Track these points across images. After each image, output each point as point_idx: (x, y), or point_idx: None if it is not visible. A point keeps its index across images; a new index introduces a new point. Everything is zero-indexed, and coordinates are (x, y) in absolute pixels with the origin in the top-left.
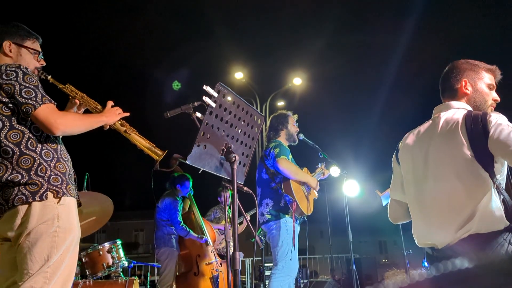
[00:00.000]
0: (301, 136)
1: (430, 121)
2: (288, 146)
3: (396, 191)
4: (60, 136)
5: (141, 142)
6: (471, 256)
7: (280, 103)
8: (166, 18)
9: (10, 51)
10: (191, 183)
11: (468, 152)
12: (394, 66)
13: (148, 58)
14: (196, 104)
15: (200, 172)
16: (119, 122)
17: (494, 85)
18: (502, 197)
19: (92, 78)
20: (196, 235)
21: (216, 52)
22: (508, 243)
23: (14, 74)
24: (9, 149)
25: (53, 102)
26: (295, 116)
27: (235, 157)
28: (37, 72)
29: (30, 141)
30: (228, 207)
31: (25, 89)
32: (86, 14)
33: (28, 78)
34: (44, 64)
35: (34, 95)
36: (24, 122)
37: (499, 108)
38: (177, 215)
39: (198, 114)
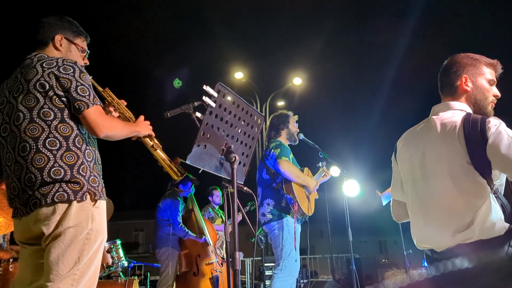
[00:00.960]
0: (301, 136)
1: (427, 121)
2: (289, 145)
3: (396, 191)
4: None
5: (164, 159)
6: (471, 257)
7: (280, 103)
8: (166, 18)
9: (61, 45)
10: (193, 184)
11: (465, 158)
12: (394, 66)
13: (148, 58)
14: (196, 104)
15: (200, 172)
16: (149, 136)
17: (495, 80)
18: (500, 203)
19: (92, 78)
20: (194, 235)
21: (216, 52)
22: (508, 246)
23: (72, 70)
24: (57, 141)
25: (101, 104)
26: (296, 117)
27: (235, 157)
28: None
29: (77, 138)
30: (218, 207)
31: (81, 86)
32: (86, 14)
33: (84, 76)
34: (88, 63)
35: (88, 93)
36: (74, 118)
37: (498, 106)
38: (177, 215)
39: (198, 114)
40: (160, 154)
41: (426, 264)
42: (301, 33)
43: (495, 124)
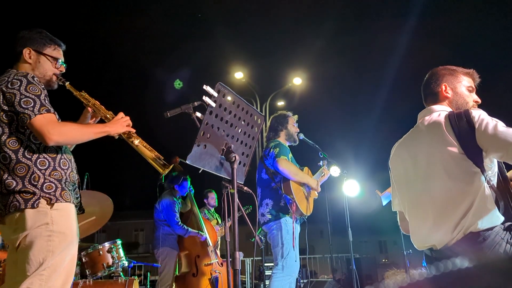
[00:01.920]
0: (301, 136)
1: (416, 126)
2: (288, 146)
3: (396, 204)
4: (65, 146)
5: (147, 153)
6: (470, 256)
7: (280, 103)
8: (166, 18)
9: (30, 57)
10: (189, 182)
11: (457, 150)
12: (394, 66)
13: (148, 58)
14: (196, 104)
15: (200, 172)
16: (127, 133)
17: (474, 87)
18: (494, 194)
19: (92, 78)
20: (196, 231)
21: (216, 52)
22: (506, 242)
23: (18, 83)
24: (7, 155)
25: (52, 112)
26: (295, 117)
27: (235, 156)
28: (56, 78)
29: (27, 149)
30: (213, 210)
31: (24, 99)
32: (86, 14)
33: (31, 87)
34: (64, 70)
35: (32, 104)
36: (23, 130)
37: (498, 105)
38: (174, 215)
39: (198, 114)
40: (144, 149)
41: (426, 264)
42: (301, 33)
43: (477, 113)
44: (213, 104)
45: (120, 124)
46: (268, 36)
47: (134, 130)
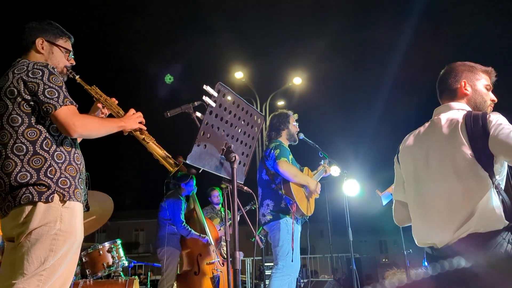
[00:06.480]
0: (301, 136)
1: (430, 122)
2: (288, 145)
3: (399, 192)
4: (79, 140)
5: (158, 152)
6: (471, 255)
7: (280, 103)
8: (166, 17)
9: (42, 48)
10: (194, 181)
11: (468, 152)
12: (395, 66)
13: (148, 57)
14: (196, 103)
15: (200, 171)
16: (139, 130)
17: (491, 86)
18: (501, 197)
19: (91, 76)
20: (198, 234)
21: (216, 52)
22: (508, 242)
23: (40, 73)
24: (24, 147)
25: (74, 104)
26: (295, 116)
27: (235, 156)
28: (66, 71)
29: (46, 141)
30: (220, 206)
31: (48, 89)
32: (85, 12)
33: (53, 78)
34: (74, 63)
35: (56, 95)
36: (43, 121)
37: (498, 107)
38: (179, 214)
39: (198, 114)
40: (154, 146)
41: (426, 263)
42: (302, 32)
43: (495, 117)
44: (213, 104)
45: (134, 120)
46: (268, 35)
47: (145, 128)
